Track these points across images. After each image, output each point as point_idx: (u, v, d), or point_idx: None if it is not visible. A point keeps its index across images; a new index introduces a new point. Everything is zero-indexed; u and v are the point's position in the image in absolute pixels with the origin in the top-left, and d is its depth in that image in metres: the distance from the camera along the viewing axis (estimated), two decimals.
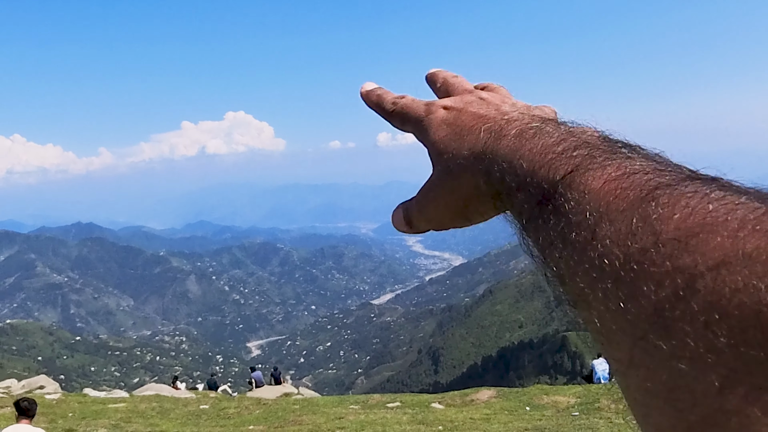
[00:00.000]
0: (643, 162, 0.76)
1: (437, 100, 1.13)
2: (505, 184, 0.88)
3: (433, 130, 1.06)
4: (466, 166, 0.96)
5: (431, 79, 1.24)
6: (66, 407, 22.96)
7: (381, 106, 1.19)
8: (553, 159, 0.82)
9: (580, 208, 0.75)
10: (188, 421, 20.84)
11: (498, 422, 17.16)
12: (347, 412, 20.18)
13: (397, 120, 1.16)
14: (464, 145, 0.98)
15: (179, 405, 24.19)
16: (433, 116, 1.07)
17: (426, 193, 1.05)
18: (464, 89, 1.15)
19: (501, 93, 1.13)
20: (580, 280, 0.73)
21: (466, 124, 1.01)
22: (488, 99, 1.08)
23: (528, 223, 0.84)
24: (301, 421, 19.19)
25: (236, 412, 22.42)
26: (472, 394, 22.34)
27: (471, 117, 1.02)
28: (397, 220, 1.12)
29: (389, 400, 22.95)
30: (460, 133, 1.01)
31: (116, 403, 24.31)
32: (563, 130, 0.89)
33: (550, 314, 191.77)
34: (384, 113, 1.18)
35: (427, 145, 1.07)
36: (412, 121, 1.12)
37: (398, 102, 1.16)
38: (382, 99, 1.19)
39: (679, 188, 0.69)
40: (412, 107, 1.13)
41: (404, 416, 18.66)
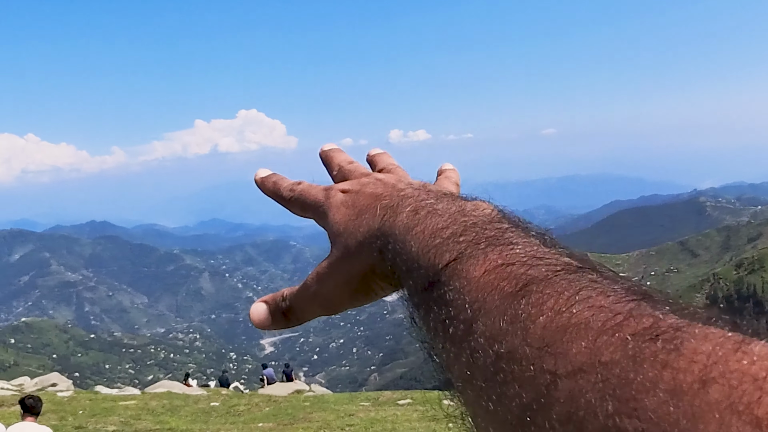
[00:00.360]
0: (525, 249, 0.75)
1: (335, 184, 1.12)
2: (397, 266, 0.87)
3: (332, 213, 1.04)
4: (364, 244, 0.95)
5: (326, 161, 1.23)
6: (77, 404, 22.94)
7: (278, 194, 1.18)
8: (440, 244, 0.80)
9: (460, 299, 0.74)
10: (198, 419, 20.78)
11: None
12: (357, 410, 20.09)
13: (296, 206, 1.14)
14: (362, 224, 0.97)
15: (189, 402, 24.13)
16: (331, 200, 1.06)
17: (321, 276, 1.04)
18: (361, 173, 1.13)
19: (397, 173, 1.13)
20: (458, 375, 0.77)
21: (364, 204, 1.00)
22: (384, 179, 1.06)
23: (416, 309, 0.83)
24: (311, 418, 19.11)
25: (246, 409, 22.35)
26: None
27: (368, 197, 1.01)
28: (263, 317, 1.09)
29: (400, 397, 22.82)
30: (358, 213, 0.99)
31: (127, 400, 24.29)
32: (454, 209, 0.87)
33: None
34: (282, 200, 1.18)
35: (326, 228, 1.06)
36: (311, 207, 1.11)
37: (296, 189, 1.15)
38: (279, 186, 1.18)
39: (551, 283, 0.68)
40: (311, 193, 1.11)
41: (414, 413, 18.54)
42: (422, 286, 0.81)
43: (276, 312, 1.08)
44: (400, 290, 0.91)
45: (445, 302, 0.76)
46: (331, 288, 1.02)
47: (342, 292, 1.02)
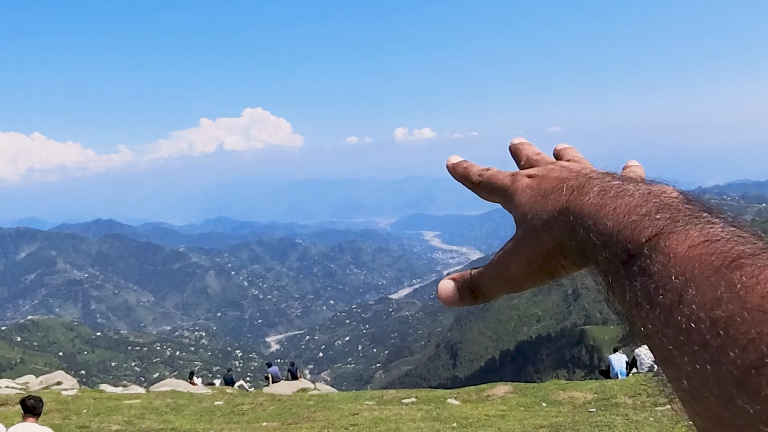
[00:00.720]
0: (724, 228, 0.81)
1: (521, 170, 1.21)
2: (589, 241, 0.91)
3: (518, 195, 1.12)
4: (550, 222, 1.01)
5: (515, 153, 1.32)
6: (81, 403, 22.93)
7: (467, 178, 1.26)
8: (637, 220, 0.85)
9: (666, 271, 0.80)
10: (202, 418, 20.75)
11: (513, 419, 16.94)
12: (362, 408, 20.02)
13: (484, 191, 1.23)
14: (547, 204, 1.04)
15: (194, 401, 24.10)
16: (518, 184, 1.15)
17: (507, 255, 1.10)
18: (547, 162, 1.22)
19: (582, 162, 1.20)
20: (668, 342, 0.81)
21: (549, 186, 1.08)
22: (569, 166, 1.15)
23: (614, 282, 0.86)
24: (315, 417, 19.05)
25: (250, 408, 22.30)
26: (488, 389, 22.10)
27: (553, 180, 1.09)
28: (451, 295, 1.18)
29: (404, 396, 22.74)
30: (544, 194, 1.07)
31: (131, 399, 24.28)
32: (643, 190, 0.92)
33: (567, 308, 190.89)
34: (470, 185, 1.26)
35: (512, 210, 1.13)
36: (498, 191, 1.19)
37: (484, 174, 1.23)
38: (468, 172, 1.26)
39: (760, 258, 0.76)
40: (498, 178, 1.20)
41: (419, 413, 18.46)
42: (621, 259, 0.85)
43: (464, 289, 1.17)
44: (584, 267, 0.96)
45: (649, 274, 0.82)
46: (515, 266, 1.07)
47: (526, 271, 1.06)
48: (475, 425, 16.42)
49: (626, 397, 18.36)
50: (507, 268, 1.10)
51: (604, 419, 15.74)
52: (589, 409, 17.82)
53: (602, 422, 15.23)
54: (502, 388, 21.90)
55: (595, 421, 15.50)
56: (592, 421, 15.65)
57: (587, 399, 19.05)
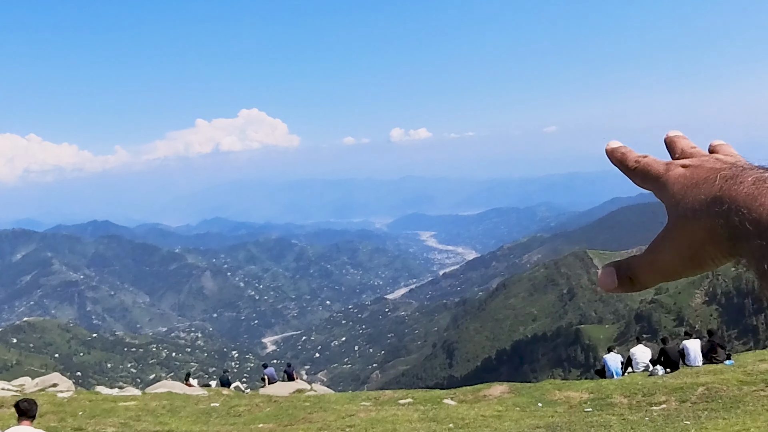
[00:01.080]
0: None
1: (675, 160, 1.22)
2: (744, 229, 0.97)
3: (670, 184, 1.16)
4: (701, 211, 1.05)
5: (670, 145, 1.27)
6: (77, 405, 22.89)
7: (624, 164, 1.26)
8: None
9: None
10: (198, 420, 20.73)
11: (510, 419, 16.97)
12: (358, 409, 20.03)
13: (638, 177, 1.24)
14: (700, 193, 1.08)
15: (190, 403, 24.08)
16: (671, 173, 1.18)
17: (658, 244, 1.14)
18: (701, 154, 1.22)
19: (736, 157, 1.21)
20: None
21: (702, 176, 1.12)
22: (722, 158, 1.17)
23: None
24: (311, 419, 19.06)
25: (247, 409, 22.29)
26: (485, 389, 22.12)
27: (707, 170, 1.13)
28: (609, 282, 1.20)
29: (401, 397, 22.76)
30: (696, 184, 1.12)
31: (127, 401, 24.24)
32: None
33: (563, 307, 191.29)
34: (626, 170, 1.25)
35: (664, 199, 1.16)
36: (651, 179, 1.21)
37: (641, 161, 1.24)
38: (626, 157, 1.26)
39: None
40: (653, 166, 1.22)
41: (415, 413, 18.48)
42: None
43: (623, 277, 1.18)
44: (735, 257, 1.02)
45: None
46: (666, 256, 1.11)
47: (676, 260, 1.10)
48: (471, 426, 16.44)
49: (622, 396, 18.41)
50: (658, 257, 1.13)
51: (599, 419, 15.78)
52: (584, 408, 17.86)
53: (598, 422, 15.27)
54: (498, 388, 21.93)
55: (590, 421, 15.53)
56: (588, 421, 15.68)
57: (583, 399, 19.08)
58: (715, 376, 18.64)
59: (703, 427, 13.51)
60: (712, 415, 14.83)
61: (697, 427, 13.59)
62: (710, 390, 17.27)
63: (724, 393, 16.79)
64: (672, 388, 18.22)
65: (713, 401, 16.35)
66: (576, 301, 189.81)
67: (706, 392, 17.21)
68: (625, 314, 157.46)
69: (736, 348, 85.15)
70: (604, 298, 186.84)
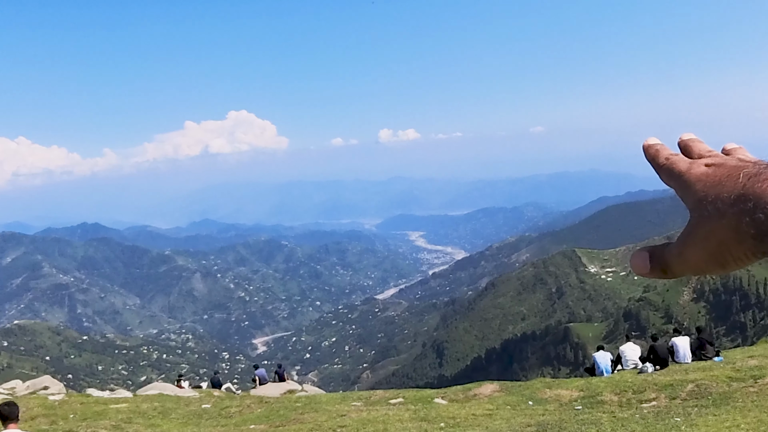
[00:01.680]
0: None
1: (698, 159, 1.23)
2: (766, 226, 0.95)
3: (693, 182, 1.17)
4: (726, 209, 1.07)
5: (685, 149, 1.28)
6: (68, 408, 22.85)
7: (656, 160, 1.26)
8: None
9: None
10: (189, 421, 20.73)
11: (501, 418, 17.02)
12: (349, 410, 20.04)
13: (664, 173, 1.24)
14: (723, 191, 1.09)
15: (181, 404, 24.06)
16: (693, 171, 1.19)
17: (684, 239, 1.15)
18: (721, 155, 1.23)
19: (751, 157, 1.21)
20: None
21: (724, 174, 1.13)
22: (744, 157, 1.18)
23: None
24: (303, 419, 19.07)
25: (238, 411, 22.30)
26: (475, 388, 22.17)
27: (730, 168, 1.14)
28: (642, 265, 1.20)
29: (392, 396, 22.78)
30: (719, 182, 1.12)
31: (118, 403, 24.20)
32: None
33: (552, 306, 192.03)
34: (656, 166, 1.26)
35: (686, 197, 1.17)
36: (675, 176, 1.21)
37: (670, 158, 1.25)
38: (659, 154, 1.26)
39: None
40: (678, 164, 1.23)
41: (406, 413, 18.50)
42: None
43: (656, 265, 1.19)
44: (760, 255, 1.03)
45: None
46: (691, 252, 1.13)
47: (702, 257, 1.12)
48: (462, 425, 16.49)
49: (612, 394, 18.50)
50: (686, 251, 1.14)
51: (590, 417, 15.85)
52: (575, 406, 17.94)
53: (588, 420, 15.33)
54: (488, 387, 21.99)
55: (581, 419, 15.60)
56: (579, 418, 15.75)
57: (573, 397, 19.16)
58: (705, 373, 18.75)
59: (693, 423, 13.59)
60: (702, 411, 14.92)
61: (687, 423, 13.67)
62: (700, 387, 17.38)
63: (713, 389, 16.90)
64: (662, 385, 18.32)
65: (703, 398, 16.46)
66: (565, 300, 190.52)
67: (696, 389, 17.32)
68: (614, 312, 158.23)
69: (724, 345, 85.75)
70: (592, 296, 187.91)
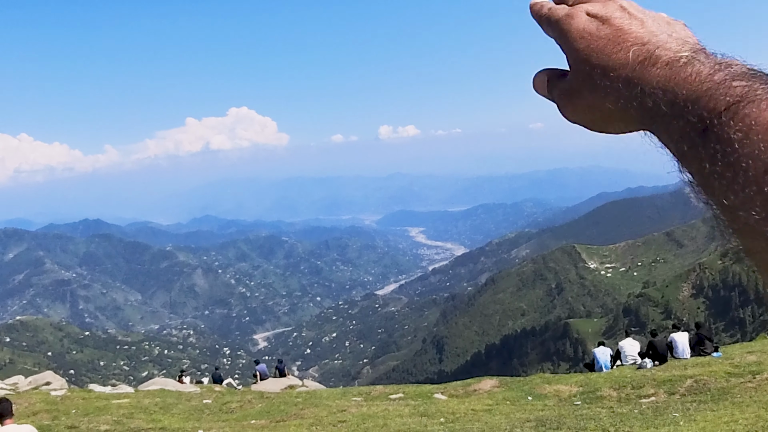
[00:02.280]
0: None
1: (580, 4, 1.12)
2: (660, 111, 0.91)
3: (573, 36, 1.07)
4: (614, 89, 0.98)
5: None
6: (70, 403, 22.92)
7: (538, 13, 1.17)
8: (712, 88, 0.85)
9: (750, 139, 0.79)
10: (191, 417, 20.80)
11: (500, 413, 17.08)
12: (349, 405, 20.13)
13: (544, 23, 1.15)
14: (610, 64, 1.00)
15: (182, 400, 24.13)
16: (575, 22, 1.08)
17: (571, 96, 1.08)
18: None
19: (635, 6, 1.11)
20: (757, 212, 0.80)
21: (611, 38, 1.02)
22: (630, 11, 1.07)
23: (689, 152, 0.86)
24: (303, 414, 19.14)
25: (239, 406, 22.35)
26: (475, 384, 22.24)
27: (616, 31, 1.03)
28: (540, 87, 1.15)
29: (392, 392, 22.86)
30: (605, 48, 1.02)
31: (120, 398, 24.28)
32: (713, 60, 0.91)
33: (551, 302, 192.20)
34: (537, 18, 1.18)
35: (564, 49, 1.09)
36: (553, 23, 1.12)
37: (552, 8, 1.15)
38: (542, 7, 1.17)
39: None
40: (557, 10, 1.13)
41: (406, 408, 18.59)
42: (696, 129, 0.85)
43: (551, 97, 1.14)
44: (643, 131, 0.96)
45: (730, 142, 0.81)
46: (576, 110, 1.07)
47: (584, 118, 1.06)
48: (462, 420, 16.56)
49: (611, 389, 18.57)
50: (570, 106, 1.09)
51: (589, 412, 15.91)
52: (574, 402, 18.02)
53: (587, 415, 15.39)
54: (488, 383, 22.06)
55: (580, 414, 15.66)
56: (578, 414, 15.81)
57: (572, 392, 19.25)
58: (703, 369, 18.82)
59: (692, 419, 13.65)
60: (701, 407, 14.97)
61: (685, 419, 13.72)
62: (698, 382, 17.45)
63: (712, 385, 16.96)
64: (661, 380, 18.40)
65: (701, 393, 16.52)
66: (564, 296, 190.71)
67: (695, 384, 17.39)
68: (613, 308, 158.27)
69: (723, 340, 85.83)
70: (592, 292, 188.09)
